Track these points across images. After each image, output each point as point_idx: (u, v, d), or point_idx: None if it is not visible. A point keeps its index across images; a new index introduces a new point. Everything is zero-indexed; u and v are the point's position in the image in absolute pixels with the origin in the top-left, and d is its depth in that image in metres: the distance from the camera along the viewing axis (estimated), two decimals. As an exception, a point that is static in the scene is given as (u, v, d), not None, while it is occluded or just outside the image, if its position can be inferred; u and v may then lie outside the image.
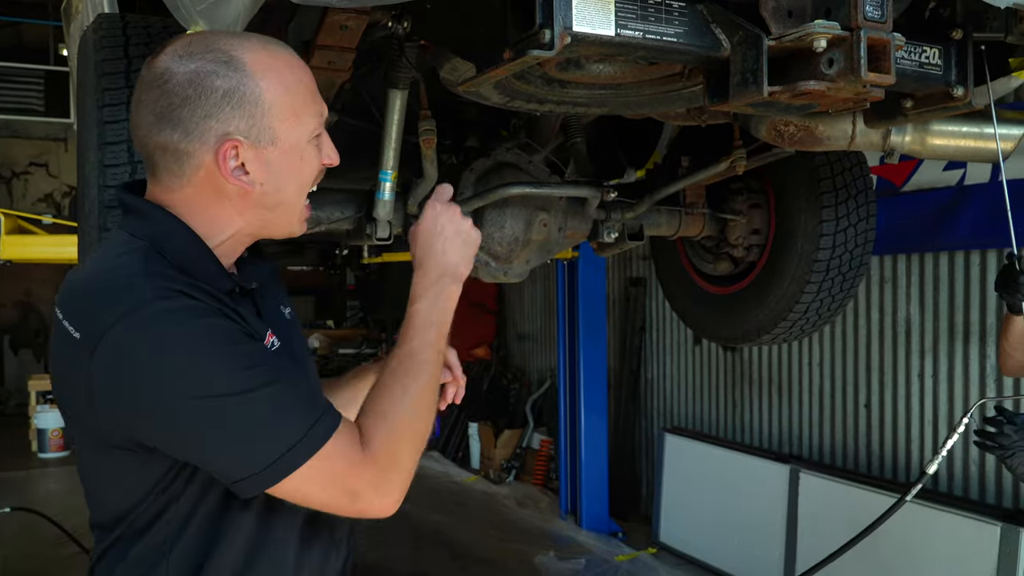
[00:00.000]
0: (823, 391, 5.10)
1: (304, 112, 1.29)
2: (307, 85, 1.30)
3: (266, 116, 1.24)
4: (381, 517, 1.27)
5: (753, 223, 3.16)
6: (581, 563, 5.70)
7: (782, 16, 1.50)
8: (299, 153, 1.30)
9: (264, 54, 1.26)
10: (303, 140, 1.29)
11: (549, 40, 1.37)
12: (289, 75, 1.27)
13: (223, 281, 1.27)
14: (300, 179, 1.32)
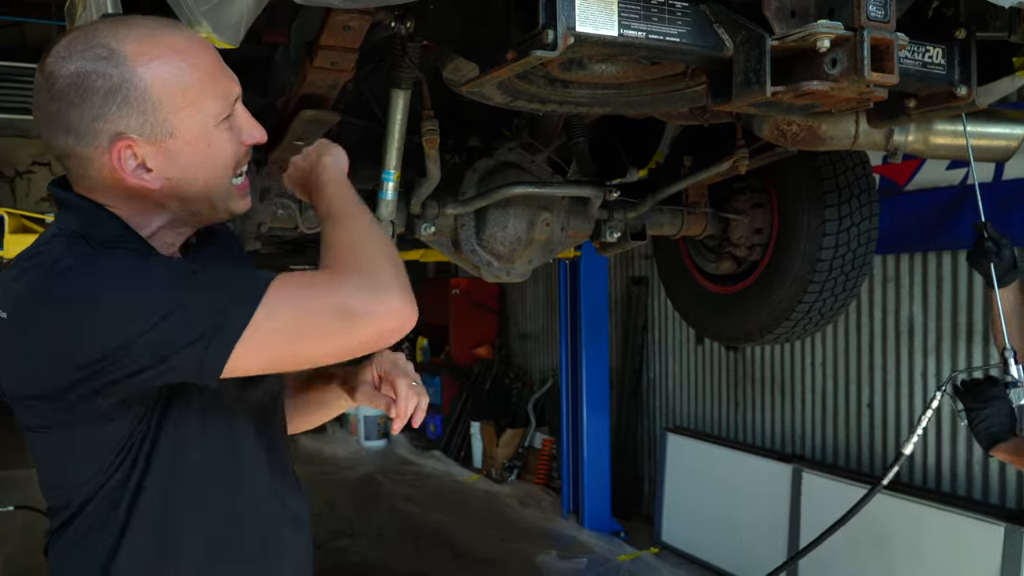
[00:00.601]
0: (826, 391, 5.10)
1: (202, 97, 1.22)
2: (203, 67, 1.23)
3: (158, 109, 1.19)
4: (399, 328, 1.18)
5: (756, 222, 3.16)
6: (583, 562, 5.70)
7: (785, 16, 1.50)
8: (206, 140, 1.24)
9: (148, 43, 1.19)
10: (208, 126, 1.23)
11: (552, 40, 1.37)
12: (178, 61, 1.20)
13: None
14: (213, 166, 1.26)
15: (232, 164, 1.29)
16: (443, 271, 9.89)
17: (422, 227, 2.65)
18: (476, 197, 2.67)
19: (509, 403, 8.61)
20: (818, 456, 5.13)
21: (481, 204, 2.67)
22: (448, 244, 2.80)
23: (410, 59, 2.10)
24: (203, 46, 1.26)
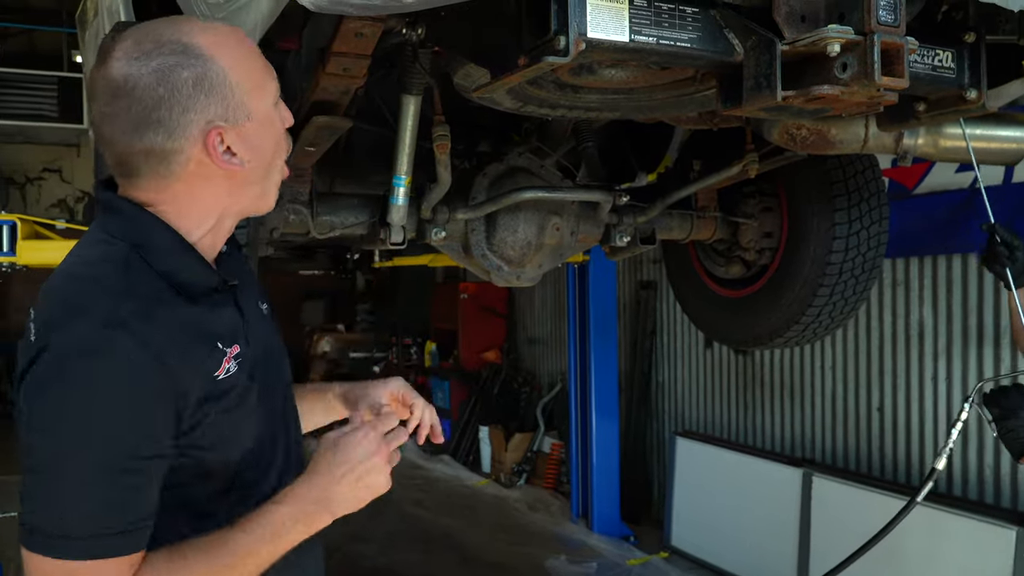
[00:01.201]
0: (836, 394, 5.09)
1: (264, 80, 1.30)
2: (257, 54, 1.31)
3: (236, 94, 1.24)
4: None
5: (765, 226, 3.16)
6: (592, 567, 5.70)
7: (795, 21, 1.51)
8: (271, 120, 1.31)
9: (212, 34, 1.25)
10: (270, 106, 1.31)
11: (564, 46, 1.37)
12: (241, 49, 1.27)
13: (209, 278, 1.30)
14: (276, 146, 1.34)
15: (284, 146, 1.36)
16: (452, 276, 9.91)
17: (433, 232, 2.66)
18: (486, 202, 2.67)
19: (518, 407, 8.61)
20: (828, 460, 5.12)
21: (491, 209, 2.67)
22: (459, 249, 2.81)
23: (421, 65, 2.11)
24: (248, 38, 1.32)
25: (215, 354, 1.27)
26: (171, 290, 1.24)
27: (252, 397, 1.33)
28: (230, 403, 1.28)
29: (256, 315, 1.42)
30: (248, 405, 1.32)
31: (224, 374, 1.27)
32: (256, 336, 1.38)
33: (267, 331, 1.44)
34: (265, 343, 1.41)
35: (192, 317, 1.25)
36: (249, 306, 1.39)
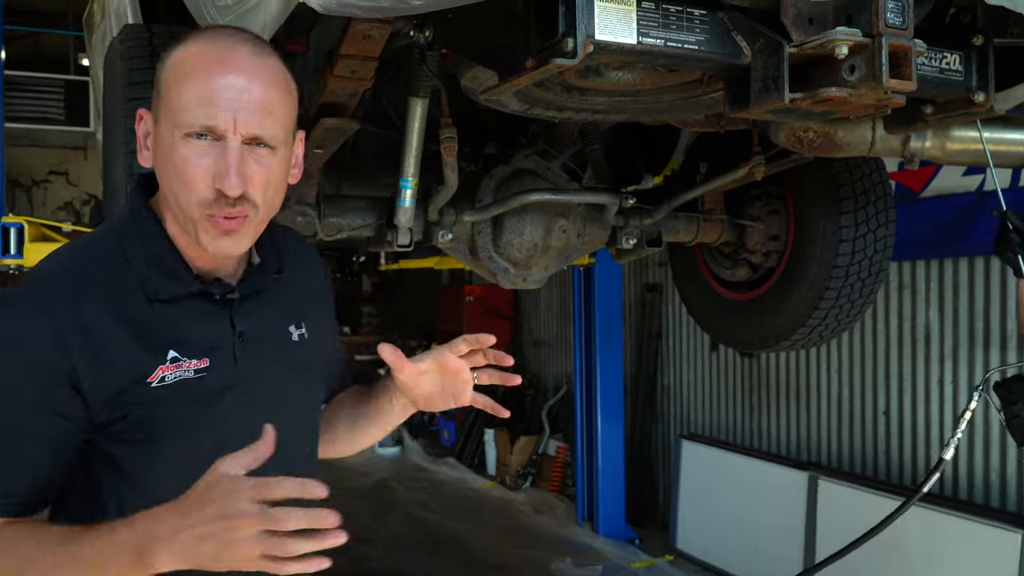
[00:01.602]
0: (842, 397, 5.08)
1: (179, 105, 1.25)
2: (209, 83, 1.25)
3: (157, 92, 1.28)
4: None
5: (772, 229, 3.16)
6: (598, 570, 5.69)
7: (803, 23, 1.51)
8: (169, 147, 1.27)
9: (203, 41, 1.26)
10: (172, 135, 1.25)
11: (572, 49, 1.38)
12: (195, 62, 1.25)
13: (177, 286, 1.28)
14: (173, 176, 1.28)
15: (194, 193, 1.29)
16: (457, 278, 9.91)
17: (439, 234, 2.67)
18: (493, 204, 2.68)
19: (523, 410, 8.61)
20: (834, 463, 5.11)
21: (498, 211, 2.68)
22: (465, 251, 2.82)
23: (428, 67, 2.12)
24: (236, 70, 1.27)
25: (151, 359, 1.24)
26: (137, 287, 1.25)
27: (202, 415, 1.28)
28: (163, 413, 1.25)
29: (265, 337, 1.37)
30: (187, 419, 1.27)
31: (157, 382, 1.24)
32: (252, 358, 1.34)
33: (277, 358, 1.39)
34: (262, 369, 1.35)
35: (143, 316, 1.24)
36: (256, 325, 1.35)
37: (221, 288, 1.32)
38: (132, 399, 1.23)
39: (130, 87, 1.85)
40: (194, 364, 1.27)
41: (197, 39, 1.24)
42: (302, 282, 1.48)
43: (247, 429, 1.26)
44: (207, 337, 1.29)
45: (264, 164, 1.24)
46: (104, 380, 1.21)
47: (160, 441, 1.27)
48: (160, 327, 1.26)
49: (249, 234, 1.28)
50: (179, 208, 1.24)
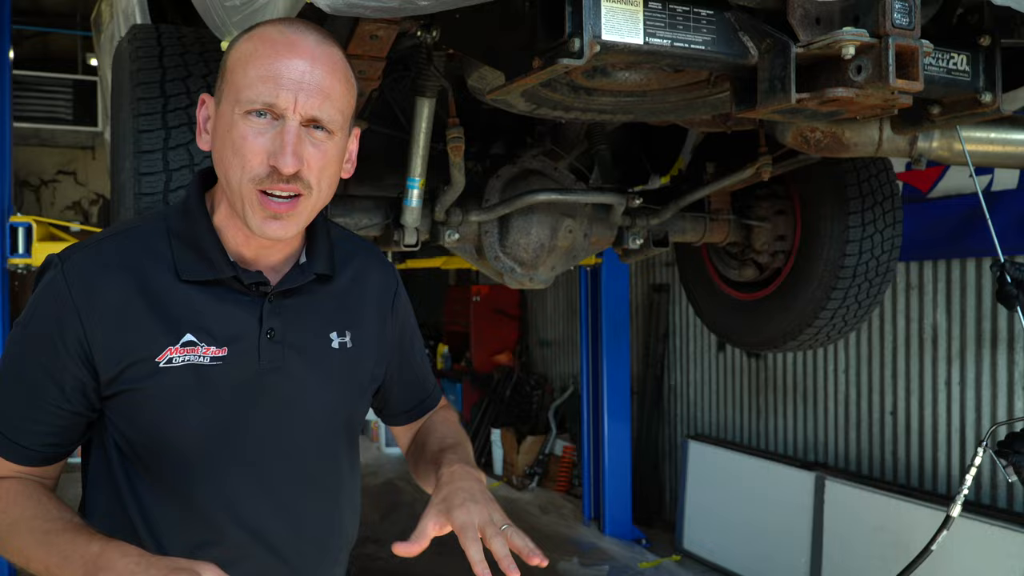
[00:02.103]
0: (848, 398, 5.07)
1: (243, 83, 1.28)
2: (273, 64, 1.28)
3: (222, 74, 1.31)
4: None
5: (779, 229, 3.16)
6: (604, 570, 5.69)
7: (810, 23, 1.50)
8: (227, 124, 1.30)
9: (270, 27, 1.30)
10: (233, 111, 1.28)
11: (578, 49, 1.37)
12: (262, 47, 1.28)
13: (203, 271, 1.29)
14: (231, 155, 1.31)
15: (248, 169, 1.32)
16: (464, 278, 9.91)
17: (446, 234, 2.67)
18: (500, 204, 2.68)
19: (530, 410, 8.61)
20: (841, 464, 5.10)
21: (504, 211, 2.68)
22: (472, 251, 2.82)
23: (435, 68, 2.12)
24: (301, 53, 1.29)
25: (164, 337, 1.26)
26: (171, 267, 1.28)
27: (210, 404, 1.29)
28: (164, 394, 1.27)
29: (301, 339, 1.37)
30: (191, 406, 1.29)
31: (164, 362, 1.26)
32: (280, 357, 1.34)
33: (312, 361, 1.38)
34: (286, 369, 1.35)
35: (172, 293, 1.27)
36: (292, 326, 1.35)
37: (251, 277, 1.31)
38: (136, 375, 1.26)
39: (138, 87, 1.86)
40: (211, 351, 1.28)
41: (266, 26, 1.27)
42: (358, 291, 1.47)
43: (263, 428, 1.35)
44: (230, 326, 1.30)
45: (320, 147, 1.25)
46: (114, 351, 1.25)
47: (160, 424, 1.28)
48: (183, 308, 1.27)
49: (298, 219, 1.28)
50: (231, 188, 1.25)
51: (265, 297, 1.32)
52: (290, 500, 1.39)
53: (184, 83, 1.89)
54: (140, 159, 1.80)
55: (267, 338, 1.32)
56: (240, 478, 1.34)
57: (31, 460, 1.31)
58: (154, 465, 1.31)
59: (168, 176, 1.80)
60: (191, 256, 1.29)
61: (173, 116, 1.84)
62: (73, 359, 1.25)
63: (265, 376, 1.33)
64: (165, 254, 1.28)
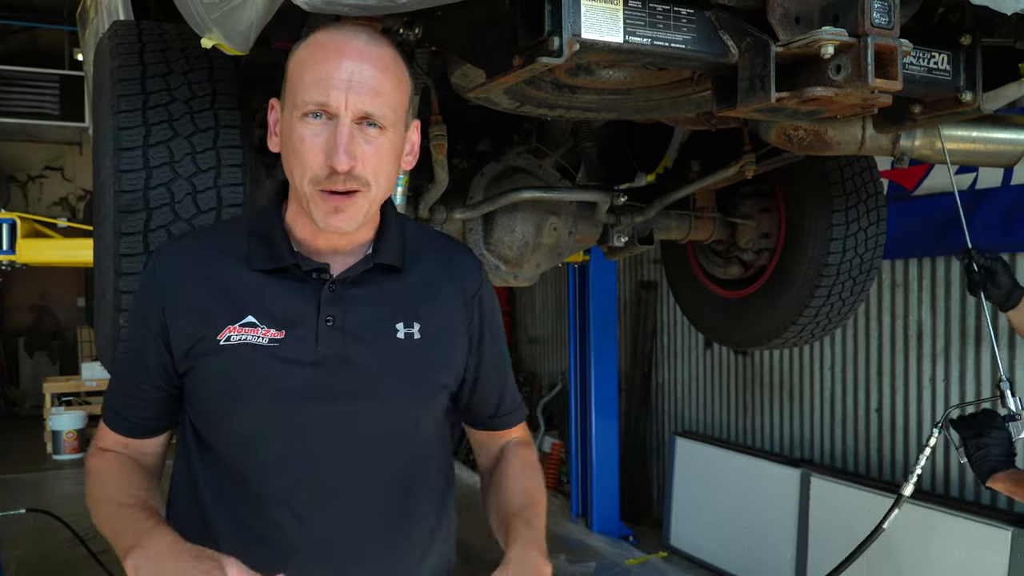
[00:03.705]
0: (834, 395, 5.09)
1: (300, 87, 1.36)
2: (327, 68, 1.36)
3: (286, 80, 1.40)
4: None
5: (763, 227, 3.17)
6: (591, 567, 5.70)
7: (789, 23, 1.51)
8: (290, 128, 1.38)
9: (326, 32, 1.38)
10: (292, 115, 1.37)
11: (558, 47, 1.38)
12: (317, 52, 1.36)
13: (266, 260, 1.39)
14: (293, 157, 1.39)
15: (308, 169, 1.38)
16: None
17: (430, 231, 2.66)
18: (484, 202, 2.68)
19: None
20: (826, 460, 5.12)
21: (489, 209, 2.68)
22: (456, 248, 2.81)
23: (418, 65, 2.11)
24: (353, 56, 1.35)
25: (225, 317, 1.36)
26: (243, 257, 1.40)
27: (265, 381, 1.35)
28: (223, 368, 1.35)
29: (365, 328, 1.40)
30: (245, 383, 1.35)
31: (224, 340, 1.35)
32: (338, 344, 1.37)
33: (376, 350, 1.40)
34: (348, 356, 1.38)
35: (239, 280, 1.38)
36: (354, 315, 1.39)
37: (311, 264, 1.39)
38: (200, 351, 1.36)
39: (118, 84, 1.85)
40: (270, 333, 1.35)
41: (319, 32, 1.36)
42: (434, 286, 1.49)
43: (320, 415, 1.38)
44: (289, 311, 1.37)
45: (373, 144, 1.32)
46: (182, 329, 1.37)
47: (219, 399, 1.37)
48: (247, 292, 1.37)
49: (359, 213, 1.35)
50: (296, 186, 1.35)
51: (324, 285, 1.38)
52: (345, 494, 1.40)
53: (165, 80, 1.88)
54: (120, 156, 1.79)
55: (326, 324, 1.37)
56: (292, 463, 1.37)
57: (127, 430, 1.46)
58: (217, 445, 1.40)
59: (148, 173, 1.79)
60: (261, 247, 1.39)
61: (153, 113, 1.83)
62: (155, 338, 1.38)
63: (324, 362, 1.37)
64: (241, 247, 1.40)
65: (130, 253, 1.84)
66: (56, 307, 11.84)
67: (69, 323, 11.70)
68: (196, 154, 1.86)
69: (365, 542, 1.41)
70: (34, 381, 10.94)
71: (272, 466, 1.36)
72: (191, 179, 1.86)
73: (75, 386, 9.36)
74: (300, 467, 1.37)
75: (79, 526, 4.83)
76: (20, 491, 7.20)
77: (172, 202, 1.86)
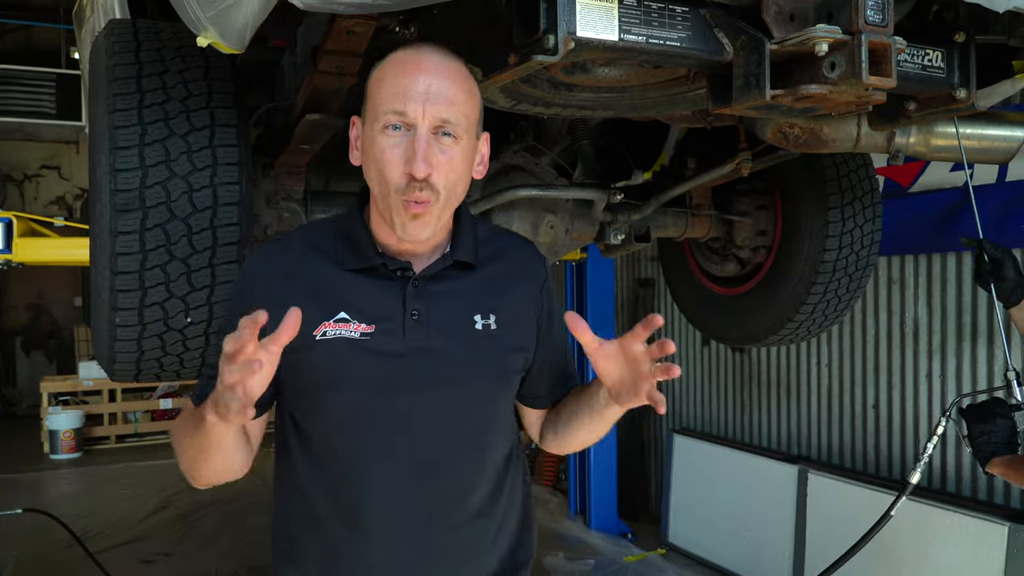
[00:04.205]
0: (831, 392, 5.10)
1: (380, 102, 1.44)
2: (404, 83, 1.44)
3: (367, 97, 1.48)
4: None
5: (759, 224, 3.17)
6: (590, 564, 5.70)
7: (784, 20, 1.52)
8: (371, 141, 1.46)
9: (405, 51, 1.47)
10: (374, 129, 1.46)
11: (553, 45, 1.38)
12: (396, 68, 1.45)
13: (357, 260, 1.49)
14: (375, 169, 1.47)
15: (389, 179, 1.46)
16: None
17: (427, 230, 2.66)
18: (481, 200, 2.68)
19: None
20: (824, 457, 5.13)
21: (486, 207, 2.68)
22: (453, 246, 2.81)
23: (414, 63, 2.11)
24: (428, 71, 1.44)
25: (321, 314, 1.45)
26: (332, 258, 1.50)
27: (358, 372, 1.46)
28: (320, 361, 1.45)
29: (447, 321, 1.52)
30: (340, 373, 1.46)
31: (320, 335, 1.44)
32: (424, 337, 1.49)
33: (454, 342, 1.52)
34: (432, 347, 1.50)
35: (331, 279, 1.48)
36: (438, 309, 1.51)
37: (396, 264, 1.50)
38: (296, 345, 1.37)
39: (114, 83, 1.85)
40: (361, 327, 1.46)
41: (397, 51, 1.46)
42: (505, 280, 1.61)
43: (408, 395, 1.50)
44: (377, 306, 1.48)
45: (448, 153, 1.42)
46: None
47: (315, 390, 1.48)
48: (338, 290, 1.48)
49: (433, 219, 1.45)
50: (379, 196, 1.45)
51: (409, 282, 1.49)
52: (432, 470, 1.53)
53: (161, 79, 1.88)
54: (116, 155, 1.79)
55: (412, 318, 1.49)
56: (386, 446, 1.50)
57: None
58: (315, 434, 1.51)
59: (144, 172, 1.80)
60: (348, 249, 1.50)
61: (149, 111, 1.83)
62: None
63: (411, 354, 1.48)
64: (329, 249, 1.50)
65: (126, 252, 1.85)
66: (53, 306, 11.82)
67: (66, 322, 11.68)
68: (192, 152, 1.87)
69: (451, 512, 1.55)
70: (31, 381, 10.91)
71: (367, 449, 1.50)
72: (187, 178, 1.86)
73: (72, 385, 9.33)
74: (392, 449, 1.50)
75: (76, 526, 4.84)
76: (17, 491, 7.19)
77: (168, 201, 1.87)
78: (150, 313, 2.01)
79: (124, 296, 1.94)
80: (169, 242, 1.94)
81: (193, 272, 2.01)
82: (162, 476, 7.42)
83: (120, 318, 1.97)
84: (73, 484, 7.76)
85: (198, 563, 5.44)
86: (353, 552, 1.51)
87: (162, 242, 1.94)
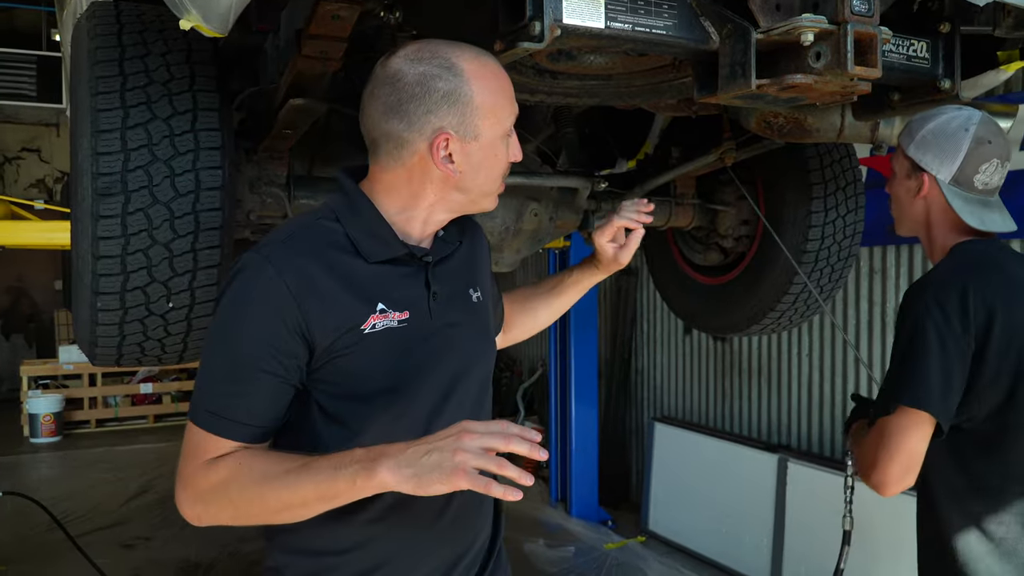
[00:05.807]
0: (811, 381, 5.13)
1: (504, 115, 1.51)
2: (507, 92, 1.52)
3: (474, 116, 1.47)
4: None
5: (743, 214, 3.18)
6: (570, 551, 5.73)
7: (770, 10, 1.51)
8: (494, 149, 1.51)
9: (477, 63, 1.47)
10: (498, 138, 1.51)
11: (539, 32, 1.38)
12: (495, 82, 1.49)
13: (387, 250, 1.50)
14: (491, 170, 1.54)
15: (501, 174, 1.57)
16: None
17: (410, 216, 2.66)
18: (465, 187, 2.67)
19: (498, 392, 8.63)
20: (803, 446, 5.16)
21: (470, 194, 2.67)
22: (436, 234, 2.81)
23: (399, 49, 2.10)
24: (507, 76, 1.53)
25: (364, 308, 1.46)
26: (352, 250, 1.49)
27: (404, 361, 1.51)
28: (372, 355, 1.47)
29: (454, 297, 1.62)
30: (391, 362, 1.49)
31: (369, 329, 1.46)
32: (444, 314, 1.57)
33: (463, 315, 1.63)
34: (452, 323, 1.59)
35: (357, 273, 1.48)
36: (446, 287, 1.60)
37: (420, 251, 1.55)
38: (346, 342, 1.45)
39: (96, 65, 1.83)
40: (398, 316, 1.50)
41: (479, 62, 1.48)
42: (475, 251, 1.75)
43: (438, 377, 1.57)
44: (407, 293, 1.53)
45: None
46: (328, 325, 1.43)
47: (364, 381, 1.49)
48: (371, 283, 1.49)
49: None
50: (477, 192, 1.55)
51: (427, 267, 1.56)
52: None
53: (143, 61, 1.86)
54: (98, 138, 1.77)
55: (434, 300, 1.56)
56: (436, 423, 1.52)
57: (249, 436, 1.44)
58: (362, 428, 1.49)
59: (127, 156, 1.78)
60: (371, 242, 1.50)
61: (132, 95, 1.81)
62: (294, 338, 1.42)
63: (440, 332, 1.56)
64: (345, 243, 1.50)
65: (108, 236, 1.83)
66: (33, 289, 11.74)
67: (46, 306, 11.61)
68: (174, 136, 1.85)
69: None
70: (11, 364, 10.85)
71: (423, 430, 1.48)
72: (169, 162, 1.85)
73: (52, 369, 9.28)
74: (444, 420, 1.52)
75: (56, 509, 4.82)
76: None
77: (150, 184, 1.85)
78: (132, 298, 2.00)
79: (106, 280, 1.93)
80: (151, 226, 1.93)
81: (175, 257, 2.00)
82: (142, 461, 7.39)
83: (102, 302, 1.96)
84: (53, 468, 7.72)
85: (178, 547, 5.43)
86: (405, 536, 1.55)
87: (144, 226, 1.92)
